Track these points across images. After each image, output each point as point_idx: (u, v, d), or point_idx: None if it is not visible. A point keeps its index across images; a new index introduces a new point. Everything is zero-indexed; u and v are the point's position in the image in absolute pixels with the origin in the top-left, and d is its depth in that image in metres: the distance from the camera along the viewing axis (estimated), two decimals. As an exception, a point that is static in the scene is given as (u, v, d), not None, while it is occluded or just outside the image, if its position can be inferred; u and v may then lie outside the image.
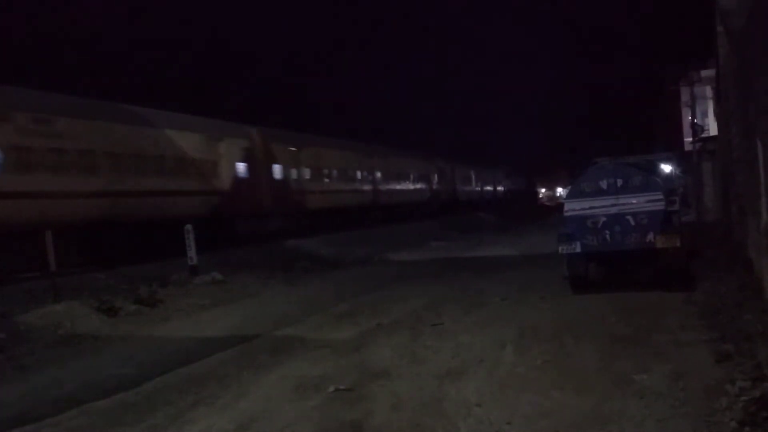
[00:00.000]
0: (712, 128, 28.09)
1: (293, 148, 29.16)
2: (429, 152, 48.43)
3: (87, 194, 18.28)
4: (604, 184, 11.84)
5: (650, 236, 11.37)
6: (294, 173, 29.11)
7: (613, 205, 11.66)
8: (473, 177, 57.36)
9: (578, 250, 11.81)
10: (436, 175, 47.43)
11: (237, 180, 25.00)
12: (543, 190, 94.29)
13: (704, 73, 28.64)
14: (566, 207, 12.16)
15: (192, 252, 17.14)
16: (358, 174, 36.03)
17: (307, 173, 30.12)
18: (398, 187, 41.44)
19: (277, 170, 27.88)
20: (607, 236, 11.65)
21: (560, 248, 11.95)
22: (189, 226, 17.29)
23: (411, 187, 43.51)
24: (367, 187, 37.08)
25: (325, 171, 32.28)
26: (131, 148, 19.97)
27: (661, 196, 11.58)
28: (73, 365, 9.55)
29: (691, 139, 30.58)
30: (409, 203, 42.10)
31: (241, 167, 25.32)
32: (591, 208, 11.80)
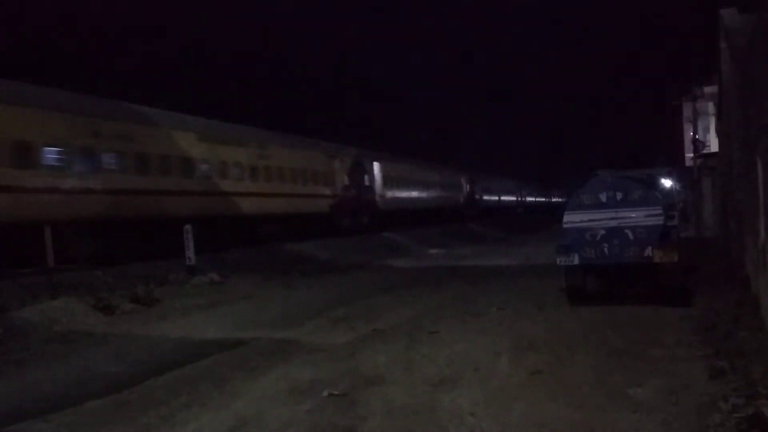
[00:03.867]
0: (714, 144, 28.11)
1: (377, 163, 36.90)
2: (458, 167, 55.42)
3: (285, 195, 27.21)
4: (603, 197, 11.85)
5: (648, 250, 11.38)
6: (374, 183, 36.44)
7: (612, 218, 11.67)
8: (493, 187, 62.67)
9: (576, 262, 11.82)
10: (467, 185, 53.45)
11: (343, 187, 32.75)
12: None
13: (707, 89, 28.66)
14: (565, 219, 12.16)
15: (190, 252, 17.14)
16: (421, 182, 43.81)
17: (380, 183, 37.09)
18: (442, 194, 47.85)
19: (366, 179, 35.47)
20: (606, 249, 11.66)
21: (558, 260, 11.96)
22: (188, 227, 17.29)
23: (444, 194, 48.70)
24: (432, 194, 45.52)
25: (395, 182, 39.16)
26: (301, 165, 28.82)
27: (660, 211, 11.59)
28: (68, 362, 9.55)
29: (692, 154, 30.63)
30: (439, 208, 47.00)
31: (345, 178, 32.97)
32: (590, 220, 11.80)
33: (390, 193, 37.98)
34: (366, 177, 35.24)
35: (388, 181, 37.85)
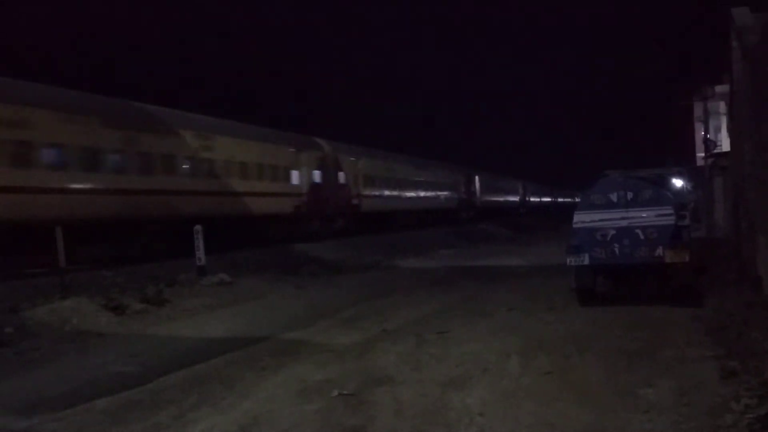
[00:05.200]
0: (725, 144, 27.93)
1: (353, 159, 33.76)
2: (459, 164, 53.35)
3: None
4: (614, 197, 11.80)
5: (659, 250, 11.32)
6: (351, 181, 33.13)
7: (622, 218, 11.62)
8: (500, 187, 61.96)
9: (586, 262, 11.77)
10: (463, 185, 51.02)
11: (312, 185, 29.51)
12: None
13: (718, 88, 28.47)
14: (575, 219, 12.13)
15: (200, 252, 17.18)
16: (409, 181, 40.92)
17: (360, 181, 34.06)
18: (435, 194, 45.87)
19: (341, 177, 32.25)
20: (616, 249, 11.60)
21: (568, 260, 11.92)
22: (198, 227, 17.32)
23: (442, 194, 47.17)
24: (420, 194, 42.76)
25: (377, 180, 36.15)
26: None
27: (671, 211, 11.53)
28: (79, 361, 9.60)
29: (703, 154, 30.44)
30: (439, 209, 45.50)
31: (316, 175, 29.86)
32: (600, 220, 11.76)
33: (371, 193, 34.87)
34: (341, 174, 31.81)
35: (369, 179, 34.79)
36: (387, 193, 37.13)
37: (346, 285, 17.77)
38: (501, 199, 61.91)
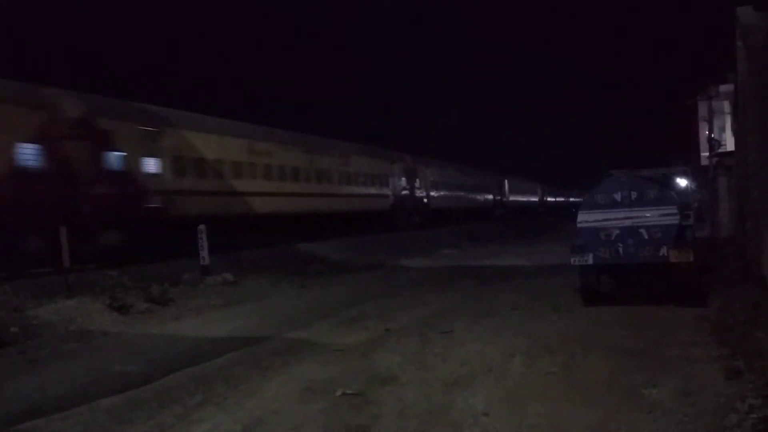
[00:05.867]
0: (730, 143, 27.85)
1: (426, 168, 41.58)
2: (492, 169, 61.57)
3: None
4: (618, 197, 11.78)
5: (663, 250, 11.30)
6: (424, 186, 41.16)
7: (626, 218, 11.60)
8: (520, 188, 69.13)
9: (590, 261, 11.76)
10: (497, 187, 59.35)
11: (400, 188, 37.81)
12: None
13: (723, 87, 28.36)
14: (579, 218, 12.11)
15: (204, 252, 17.20)
16: (461, 185, 48.74)
17: (428, 185, 41.67)
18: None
19: (418, 182, 39.86)
20: (620, 249, 11.59)
21: (572, 259, 11.90)
22: (202, 227, 17.35)
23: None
24: (468, 195, 50.54)
25: (440, 185, 43.85)
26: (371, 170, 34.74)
27: (675, 210, 11.50)
28: (83, 361, 9.61)
29: (707, 153, 30.36)
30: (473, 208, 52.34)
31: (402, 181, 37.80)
32: (604, 220, 11.74)
33: (436, 194, 42.79)
34: (417, 180, 39.97)
35: (437, 184, 42.97)
36: (448, 194, 45.24)
37: (351, 284, 17.77)
38: (524, 199, 70.48)
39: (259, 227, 23.49)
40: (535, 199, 76.55)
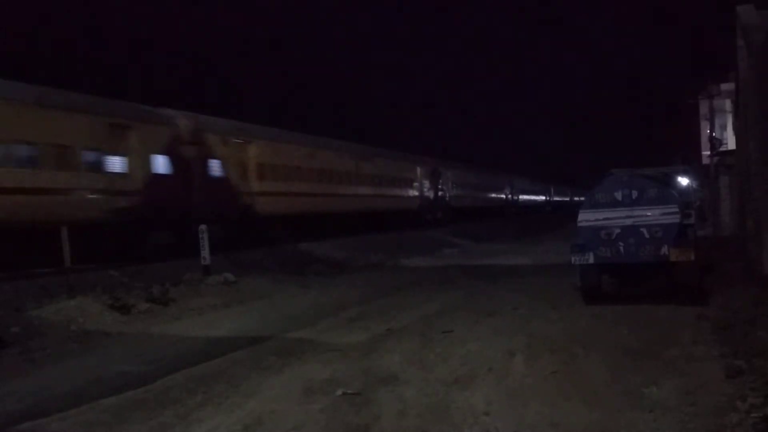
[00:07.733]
0: (731, 142, 27.84)
1: (448, 171, 44.90)
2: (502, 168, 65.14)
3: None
4: (619, 196, 11.77)
5: (664, 249, 11.29)
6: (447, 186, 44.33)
7: (627, 217, 11.59)
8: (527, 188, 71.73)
9: (591, 261, 11.74)
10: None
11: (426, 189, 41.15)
12: None
13: (724, 86, 28.38)
14: (580, 217, 12.10)
15: (205, 252, 17.20)
16: (478, 185, 52.02)
17: (449, 186, 44.83)
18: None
19: (440, 182, 42.91)
20: (621, 248, 11.57)
21: (573, 259, 11.89)
22: (203, 227, 17.35)
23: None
24: (484, 195, 53.97)
25: (460, 185, 47.03)
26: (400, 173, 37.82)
27: (676, 209, 11.49)
28: (84, 361, 9.61)
29: (709, 152, 30.36)
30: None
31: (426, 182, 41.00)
32: (605, 219, 11.73)
33: (456, 194, 45.83)
34: (440, 181, 42.83)
35: (456, 185, 45.99)
36: (466, 194, 48.30)
37: (351, 284, 17.76)
38: (533, 198, 73.46)
39: (317, 224, 27.19)
40: (543, 198, 79.56)
